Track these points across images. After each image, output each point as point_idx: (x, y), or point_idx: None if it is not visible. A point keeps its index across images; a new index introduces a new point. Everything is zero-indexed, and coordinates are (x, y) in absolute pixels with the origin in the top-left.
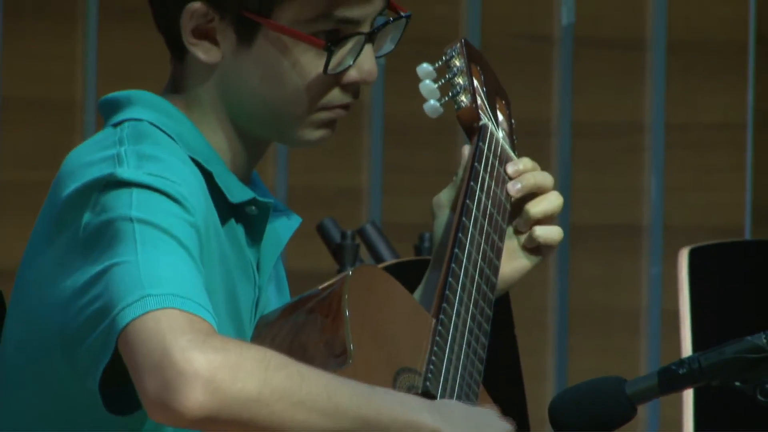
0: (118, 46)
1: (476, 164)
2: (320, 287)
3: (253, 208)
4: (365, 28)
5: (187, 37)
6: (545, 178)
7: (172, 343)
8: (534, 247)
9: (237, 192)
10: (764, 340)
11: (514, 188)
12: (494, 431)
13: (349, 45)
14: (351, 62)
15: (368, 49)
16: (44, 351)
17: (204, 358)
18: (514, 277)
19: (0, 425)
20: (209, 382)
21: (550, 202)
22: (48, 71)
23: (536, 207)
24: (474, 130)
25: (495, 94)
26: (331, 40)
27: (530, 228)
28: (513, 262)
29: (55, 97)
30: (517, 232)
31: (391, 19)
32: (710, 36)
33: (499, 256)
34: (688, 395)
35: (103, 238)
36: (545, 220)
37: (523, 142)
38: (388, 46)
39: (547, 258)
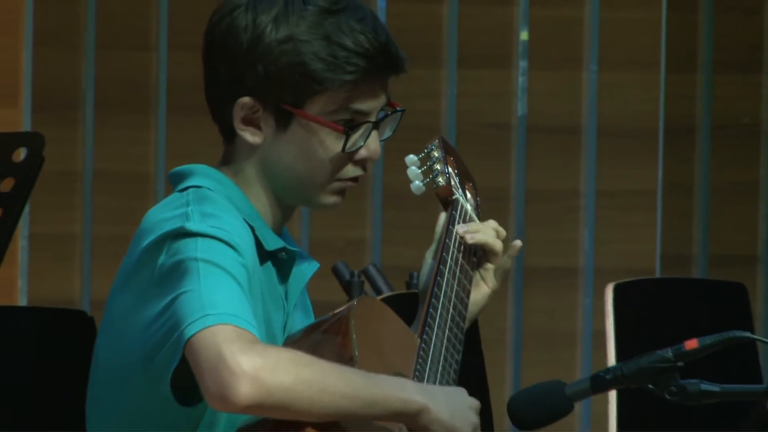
0: (181, 133)
1: (450, 227)
2: (332, 313)
3: (284, 254)
4: (373, 118)
5: (237, 124)
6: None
7: (226, 351)
8: (487, 275)
9: (271, 242)
10: (670, 354)
11: (461, 230)
12: (466, 404)
13: (361, 131)
14: (362, 143)
15: (374, 134)
16: (128, 365)
17: (250, 361)
18: (481, 301)
19: (94, 420)
20: (255, 379)
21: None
22: (128, 152)
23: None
24: (448, 203)
25: (465, 179)
26: (348, 127)
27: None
28: (479, 290)
29: (133, 171)
30: (479, 267)
31: (390, 112)
32: (630, 124)
33: (467, 294)
34: (613, 395)
35: (175, 274)
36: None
37: (488, 205)
38: (387, 133)
39: (502, 283)
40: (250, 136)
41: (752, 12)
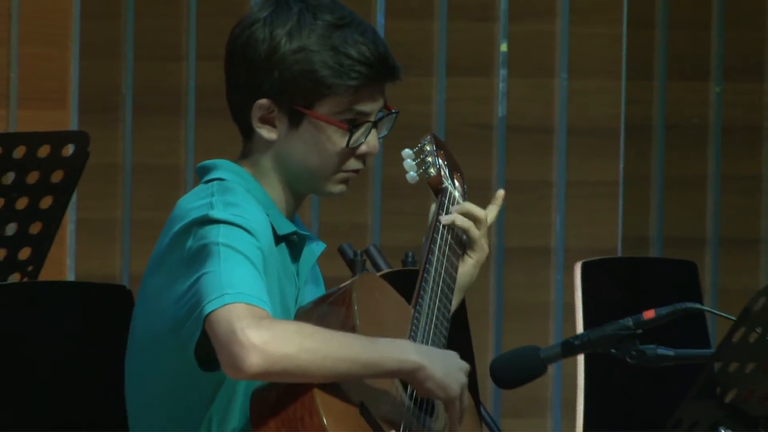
0: (207, 132)
1: (441, 211)
2: (338, 287)
3: (295, 237)
4: (372, 118)
5: (255, 122)
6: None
7: (237, 326)
8: (472, 251)
9: (284, 227)
10: (630, 322)
11: (446, 219)
12: (457, 366)
13: (362, 129)
14: (363, 140)
15: (374, 132)
16: (160, 333)
17: (258, 334)
18: (470, 271)
19: (131, 379)
20: (262, 351)
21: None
22: (162, 148)
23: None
24: (439, 191)
25: (453, 169)
26: (352, 125)
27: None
28: (466, 265)
29: (166, 164)
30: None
31: (387, 114)
32: (595, 124)
33: (455, 270)
34: (581, 358)
35: (200, 256)
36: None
37: (472, 194)
38: (384, 132)
39: (484, 261)
40: (266, 133)
41: (701, 28)
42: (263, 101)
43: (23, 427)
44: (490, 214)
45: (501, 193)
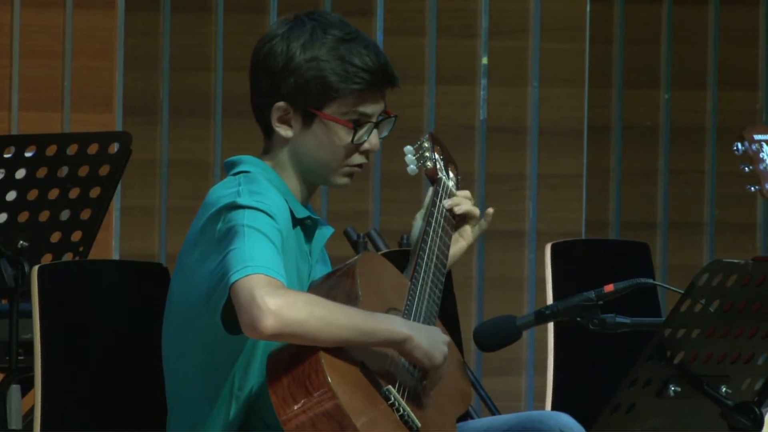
0: (233, 132)
1: (435, 199)
2: (344, 264)
3: (309, 221)
4: (374, 119)
5: (274, 122)
6: (467, 197)
7: (257, 293)
8: (464, 233)
9: (300, 212)
10: (593, 295)
11: (448, 203)
12: (440, 339)
13: (365, 128)
14: (366, 138)
15: (375, 132)
16: (193, 302)
17: (274, 301)
18: (458, 254)
19: (168, 345)
20: (276, 315)
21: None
22: (194, 146)
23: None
24: (435, 181)
25: (448, 162)
26: (356, 124)
27: (463, 217)
28: (457, 245)
29: (198, 160)
30: (458, 228)
31: (386, 117)
32: (562, 126)
33: (448, 248)
34: (551, 325)
35: (228, 236)
36: (469, 216)
37: None
38: (384, 133)
39: (473, 243)
40: (283, 131)
41: (652, 44)
42: (281, 103)
43: (78, 382)
44: (482, 227)
45: (491, 211)
